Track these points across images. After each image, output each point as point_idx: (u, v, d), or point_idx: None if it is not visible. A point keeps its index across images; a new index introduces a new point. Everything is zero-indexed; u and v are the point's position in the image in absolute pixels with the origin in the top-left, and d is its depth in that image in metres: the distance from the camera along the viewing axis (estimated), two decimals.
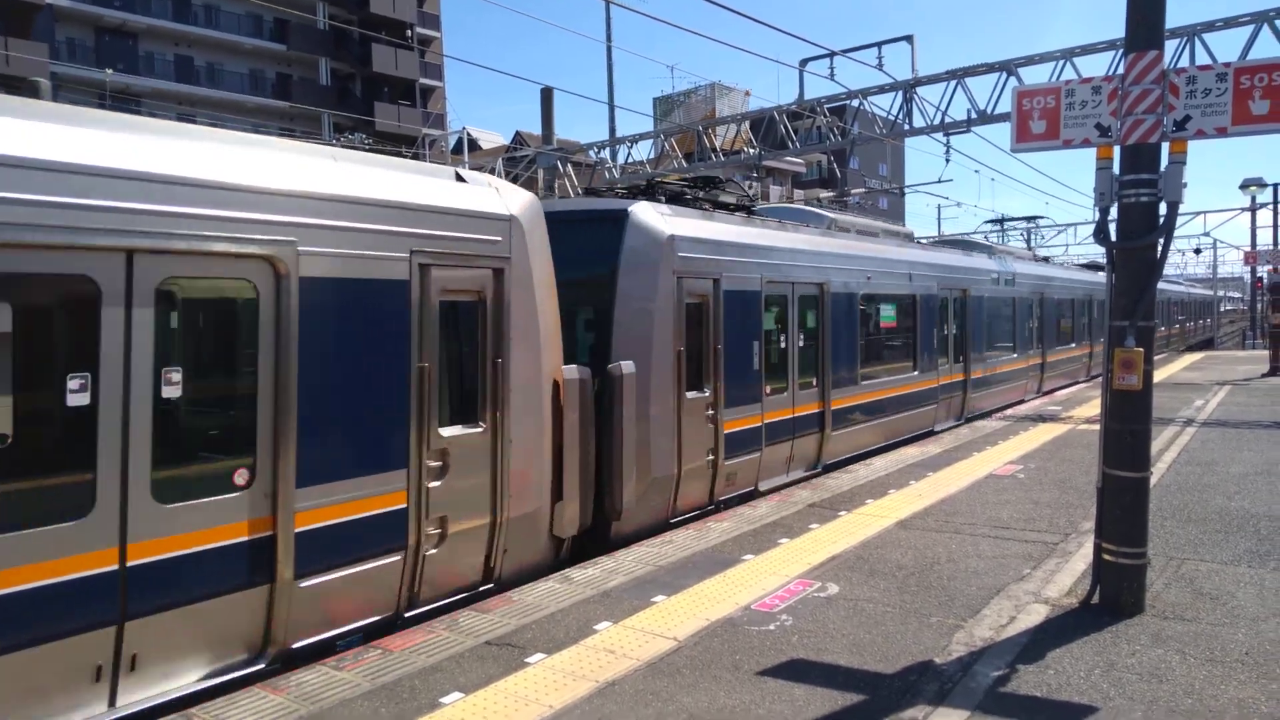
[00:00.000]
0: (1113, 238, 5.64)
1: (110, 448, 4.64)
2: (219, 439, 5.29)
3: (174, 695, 4.89)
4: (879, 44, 20.01)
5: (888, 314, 13.71)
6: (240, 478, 5.20)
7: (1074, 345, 24.00)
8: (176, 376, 4.94)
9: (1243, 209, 40.61)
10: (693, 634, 5.52)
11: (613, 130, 27.43)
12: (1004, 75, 18.60)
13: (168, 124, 5.33)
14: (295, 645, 5.45)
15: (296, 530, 5.38)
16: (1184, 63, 16.24)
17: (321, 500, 5.53)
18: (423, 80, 50.83)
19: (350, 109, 44.60)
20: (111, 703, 4.70)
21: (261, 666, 5.29)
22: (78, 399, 4.53)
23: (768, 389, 10.37)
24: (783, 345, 10.90)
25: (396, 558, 6.01)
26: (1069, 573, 6.66)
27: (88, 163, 4.58)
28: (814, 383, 11.46)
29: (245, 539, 5.20)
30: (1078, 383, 23.89)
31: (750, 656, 5.16)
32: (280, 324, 5.32)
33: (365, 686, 4.82)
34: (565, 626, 5.69)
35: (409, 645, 5.41)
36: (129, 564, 4.70)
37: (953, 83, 19.41)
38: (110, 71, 35.33)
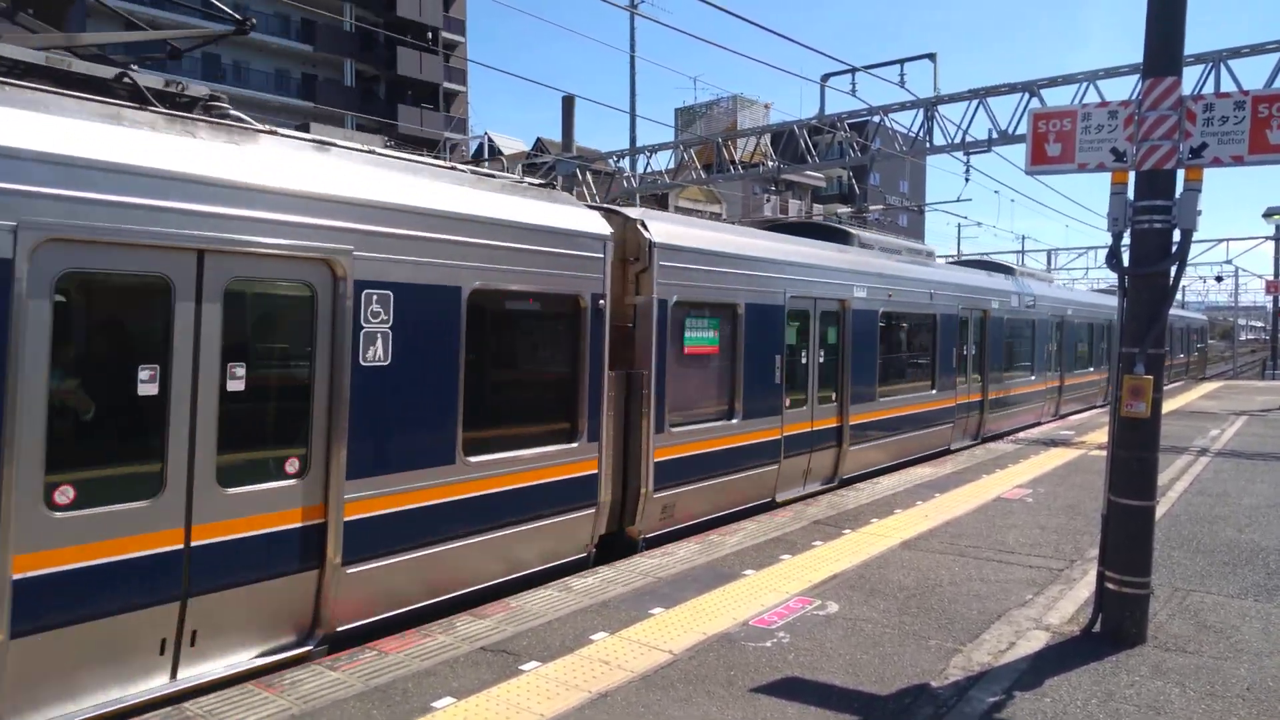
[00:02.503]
0: (1125, 263, 5.60)
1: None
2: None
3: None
4: (901, 61, 19.99)
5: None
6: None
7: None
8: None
9: (1266, 238, 40.23)
10: (689, 647, 5.49)
11: (633, 140, 27.51)
12: (1026, 95, 18.53)
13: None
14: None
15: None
16: (1209, 89, 16.14)
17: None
18: (446, 84, 51.20)
19: (374, 111, 44.99)
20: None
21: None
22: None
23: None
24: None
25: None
26: (1072, 600, 6.59)
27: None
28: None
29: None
30: (1094, 407, 23.76)
31: (745, 673, 5.13)
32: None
33: (359, 688, 4.82)
34: (562, 635, 5.68)
35: (405, 648, 5.42)
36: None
37: (974, 102, 19.35)
38: (135, 67, 35.72)
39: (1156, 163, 5.32)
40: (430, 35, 49.03)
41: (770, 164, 25.62)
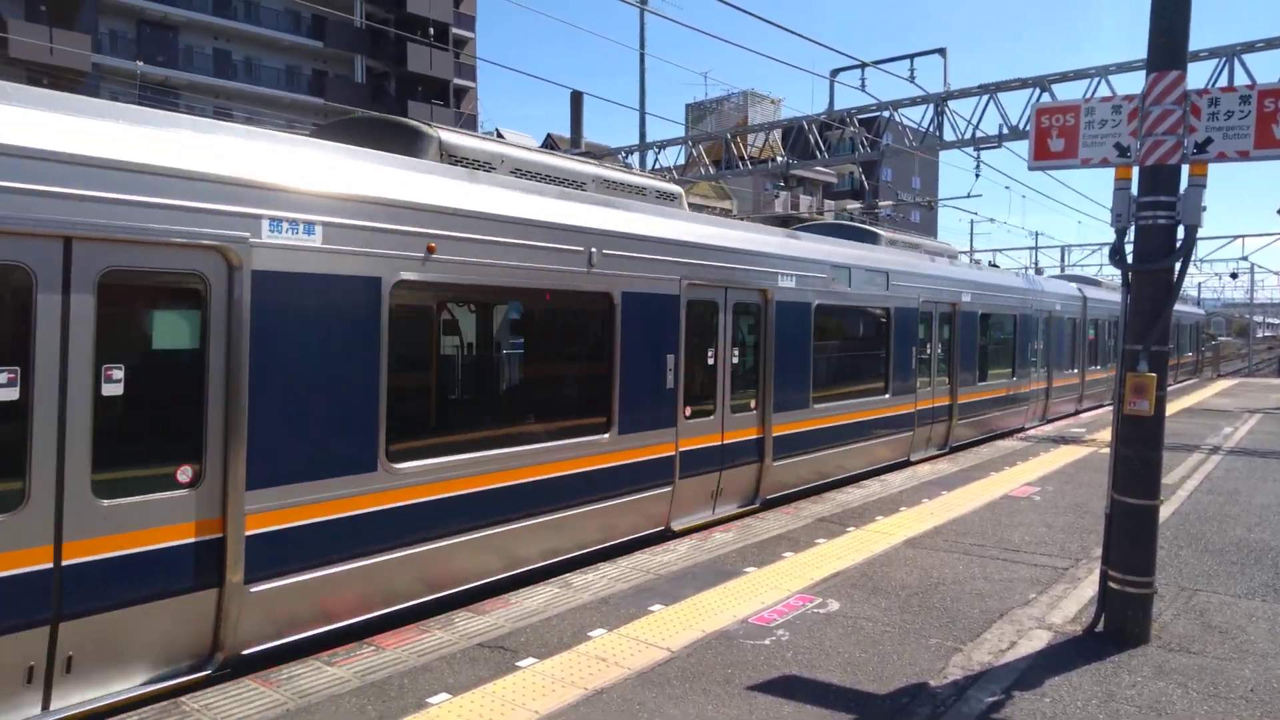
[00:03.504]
0: (1129, 259, 5.54)
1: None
2: None
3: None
4: (911, 56, 19.86)
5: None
6: None
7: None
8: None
9: None
10: (687, 645, 5.47)
11: (643, 135, 27.42)
12: (1037, 91, 18.36)
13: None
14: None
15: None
16: (1222, 83, 15.95)
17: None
18: (456, 80, 51.22)
19: (384, 107, 44.99)
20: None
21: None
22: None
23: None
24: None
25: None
26: (1075, 599, 6.53)
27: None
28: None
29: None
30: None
31: (742, 670, 5.11)
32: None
33: (354, 683, 4.82)
34: (560, 631, 5.67)
35: (402, 643, 5.42)
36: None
37: (985, 97, 19.20)
38: (141, 63, 35.90)
39: (1160, 158, 5.26)
40: (440, 31, 49.06)
41: (780, 159, 25.54)
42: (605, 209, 8.05)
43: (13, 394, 4.43)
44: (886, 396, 12.79)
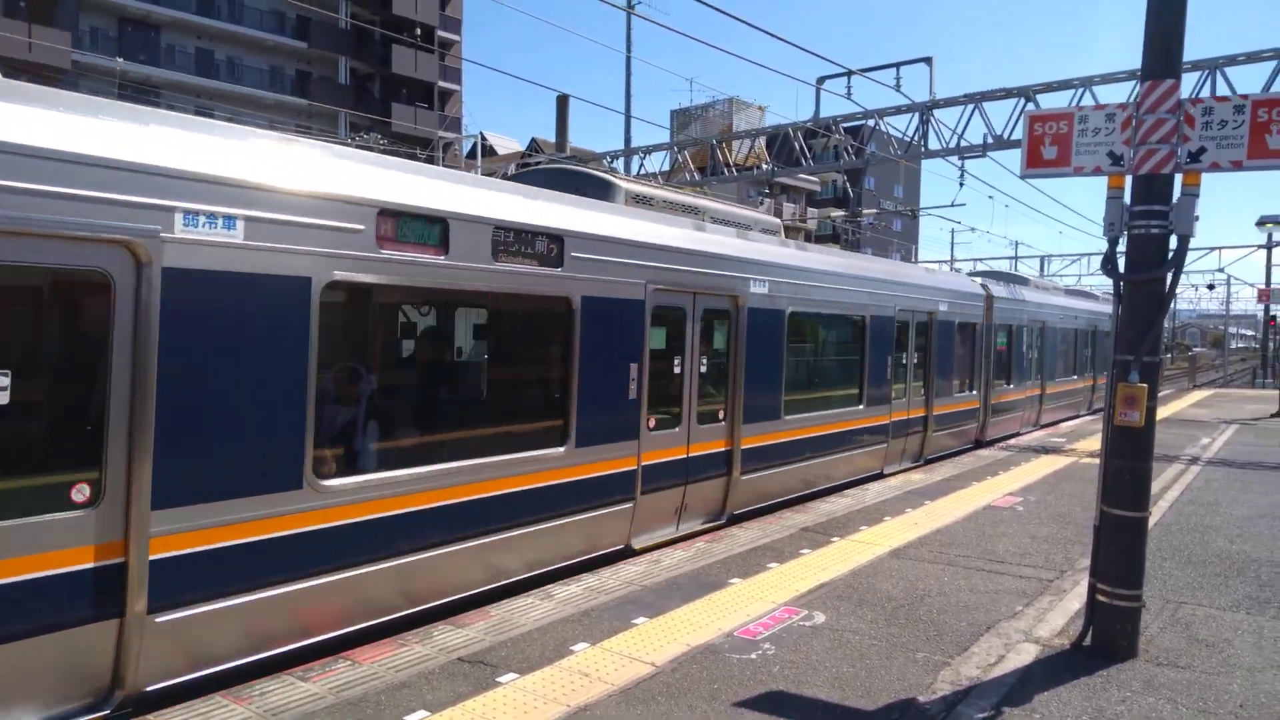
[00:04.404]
0: (1121, 269, 5.49)
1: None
2: None
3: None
4: (897, 65, 19.89)
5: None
6: None
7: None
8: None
9: (1258, 246, 40.29)
10: (671, 659, 5.36)
11: (628, 140, 27.36)
12: (1022, 101, 18.46)
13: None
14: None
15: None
16: (1204, 95, 16.07)
17: None
18: (441, 83, 51.00)
19: (367, 109, 44.75)
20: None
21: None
22: None
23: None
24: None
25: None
26: (1062, 612, 6.48)
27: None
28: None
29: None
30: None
31: (729, 686, 5.00)
32: None
33: (329, 700, 4.67)
34: (542, 646, 5.54)
35: (379, 658, 5.27)
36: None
37: (970, 106, 19.27)
38: (121, 60, 35.45)
39: (1154, 167, 5.21)
40: (426, 34, 48.84)
41: (765, 166, 25.53)
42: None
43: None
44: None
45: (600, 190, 8.84)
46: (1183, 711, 4.80)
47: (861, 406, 12.51)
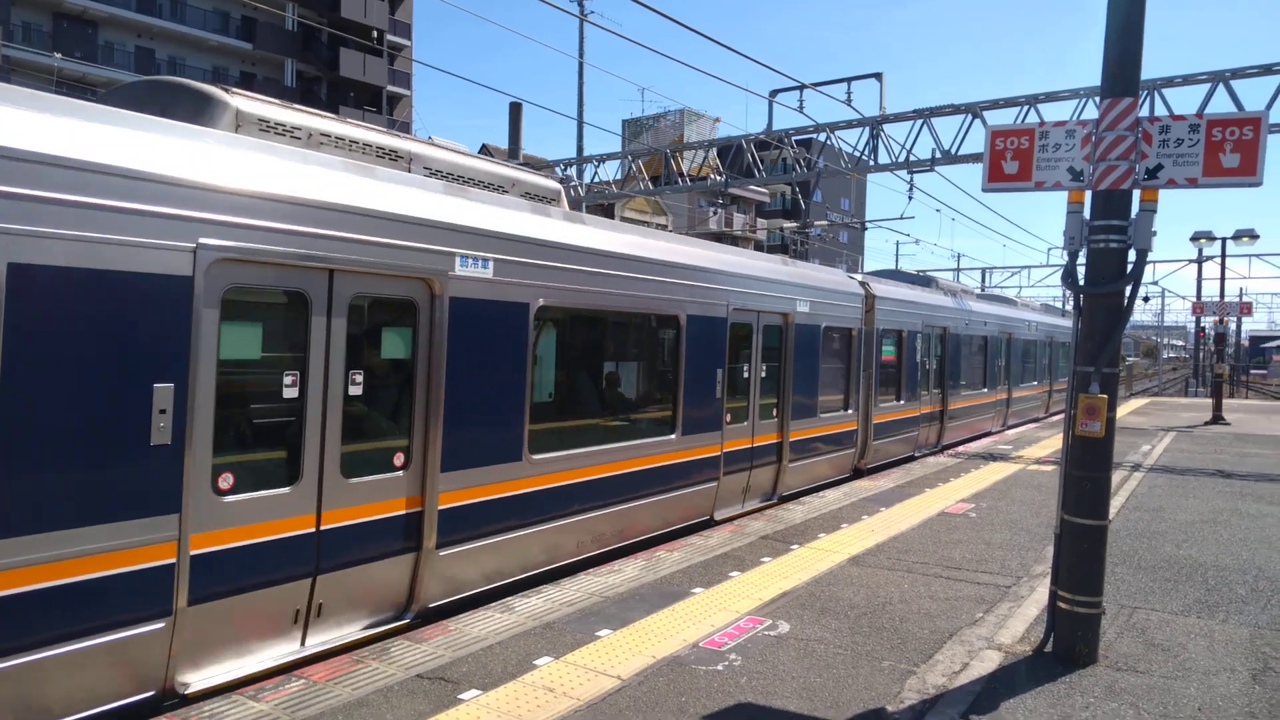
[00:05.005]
0: (1080, 282, 5.58)
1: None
2: None
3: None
4: (849, 80, 20.15)
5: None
6: None
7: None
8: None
9: (1190, 260, 41.79)
10: (637, 672, 5.28)
11: (580, 149, 27.31)
12: (969, 117, 18.85)
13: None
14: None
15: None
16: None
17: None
18: (390, 87, 50.37)
19: None
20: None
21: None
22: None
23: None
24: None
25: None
26: (1022, 618, 6.55)
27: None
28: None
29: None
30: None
31: (696, 698, 4.93)
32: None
33: None
34: (504, 660, 5.41)
35: (335, 675, 5.09)
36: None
37: (919, 122, 19.62)
38: (59, 56, 34.30)
39: (1113, 183, 5.31)
40: (375, 36, 48.20)
41: (718, 177, 25.67)
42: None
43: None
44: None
45: (194, 109, 6.14)
46: (1145, 716, 4.87)
47: (674, 436, 9.49)
